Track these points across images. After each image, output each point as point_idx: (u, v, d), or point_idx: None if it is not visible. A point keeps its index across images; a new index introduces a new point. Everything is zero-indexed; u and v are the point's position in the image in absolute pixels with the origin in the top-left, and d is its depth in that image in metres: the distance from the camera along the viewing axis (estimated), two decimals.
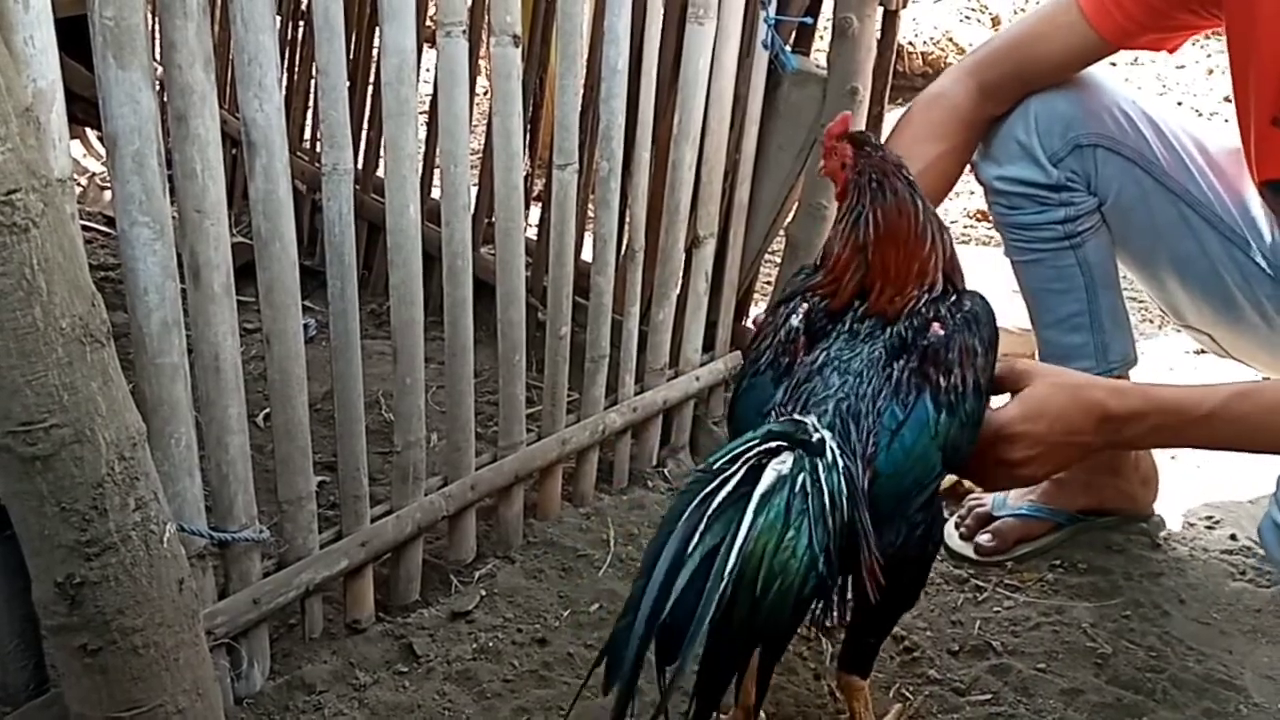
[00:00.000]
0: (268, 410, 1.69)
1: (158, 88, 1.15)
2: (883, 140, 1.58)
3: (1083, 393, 1.30)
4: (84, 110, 1.33)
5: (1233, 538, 1.84)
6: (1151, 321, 2.67)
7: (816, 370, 1.19)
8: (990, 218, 1.74)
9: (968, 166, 1.68)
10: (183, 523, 1.24)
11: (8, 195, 0.94)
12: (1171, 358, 2.49)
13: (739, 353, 2.16)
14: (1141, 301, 2.56)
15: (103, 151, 3.34)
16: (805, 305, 1.25)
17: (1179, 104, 4.30)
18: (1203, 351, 2.32)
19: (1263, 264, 1.58)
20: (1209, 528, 1.88)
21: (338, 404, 1.45)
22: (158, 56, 1.19)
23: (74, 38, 1.12)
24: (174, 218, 1.19)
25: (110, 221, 2.92)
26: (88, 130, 3.27)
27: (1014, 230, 1.65)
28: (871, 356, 1.19)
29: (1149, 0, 1.48)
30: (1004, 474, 1.30)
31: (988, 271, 2.54)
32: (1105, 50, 1.54)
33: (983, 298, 1.26)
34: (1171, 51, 1.58)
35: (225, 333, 1.26)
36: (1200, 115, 4.24)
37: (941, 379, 1.17)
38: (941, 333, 1.19)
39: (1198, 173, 1.58)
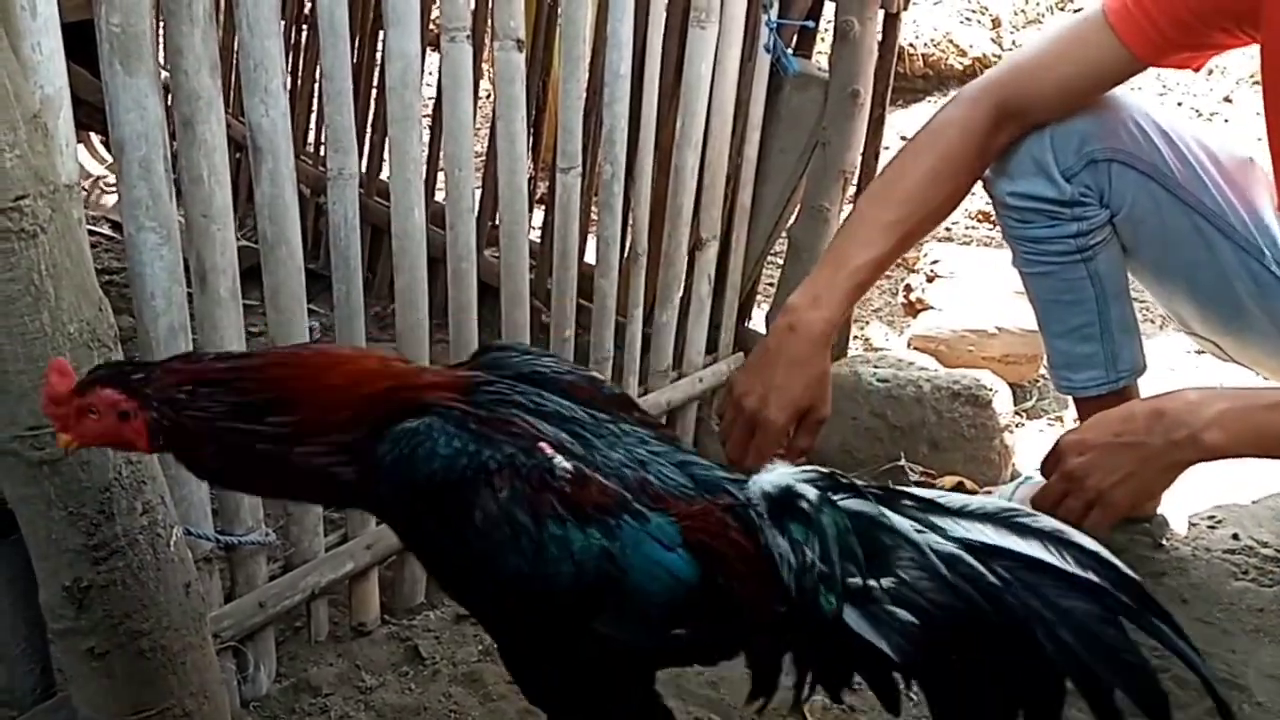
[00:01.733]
0: None
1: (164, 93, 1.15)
2: (893, 157, 1.54)
3: (1133, 403, 1.30)
4: (87, 115, 1.33)
5: (1235, 537, 1.84)
6: (1153, 322, 2.67)
7: (633, 466, 0.98)
8: (997, 226, 1.71)
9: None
10: (189, 526, 1.25)
11: (16, 201, 0.95)
12: (1172, 358, 2.49)
13: (742, 354, 2.17)
14: (1143, 302, 2.56)
15: (106, 155, 3.35)
16: (536, 456, 0.94)
17: (1179, 104, 4.30)
18: (1203, 352, 2.32)
19: (1277, 272, 1.58)
20: (1211, 527, 1.88)
21: None
22: (164, 62, 1.19)
23: (76, 42, 1.12)
24: (180, 222, 1.20)
25: (114, 225, 2.93)
26: (91, 134, 3.27)
27: (1024, 244, 1.64)
28: (614, 432, 1.01)
29: (1182, 18, 1.42)
30: (1075, 498, 1.29)
31: (989, 273, 2.56)
32: (1136, 69, 1.49)
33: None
34: (1197, 70, 1.55)
35: (231, 336, 1.26)
36: (1200, 116, 4.24)
37: (637, 412, 1.07)
38: (602, 378, 1.09)
39: (1210, 183, 1.57)
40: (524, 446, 0.94)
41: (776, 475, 0.99)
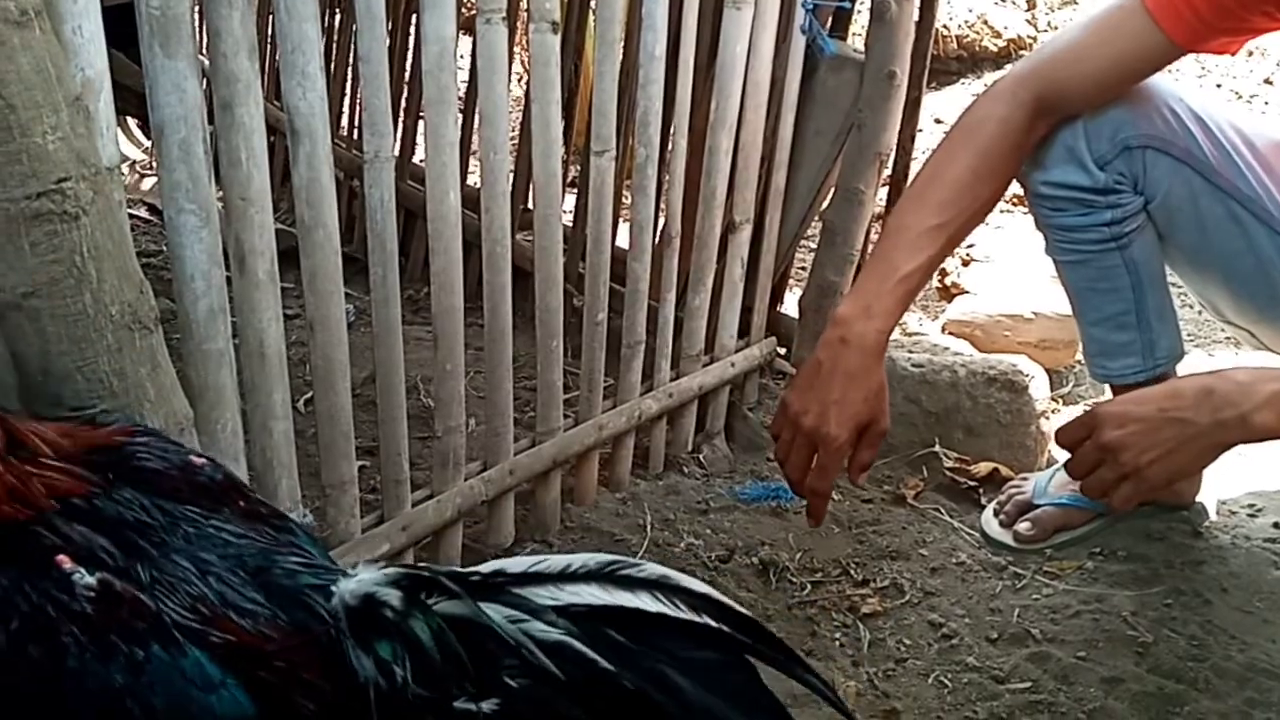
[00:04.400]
0: (309, 395, 1.70)
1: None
2: (930, 155, 1.52)
3: (1179, 379, 1.28)
4: (123, 98, 1.34)
5: (1276, 526, 1.82)
6: (1190, 308, 2.64)
7: (192, 581, 0.82)
8: (1030, 213, 1.70)
9: None
10: None
11: (58, 184, 0.95)
12: (1210, 344, 2.47)
13: (774, 339, 2.16)
14: (1179, 288, 2.53)
15: (143, 139, 3.37)
16: (53, 573, 0.78)
17: (1218, 86, 4.25)
18: (1239, 341, 2.29)
19: None
20: (1251, 516, 1.86)
21: (379, 389, 1.46)
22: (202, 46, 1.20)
23: (111, 26, 1.12)
24: (218, 206, 1.20)
25: (151, 209, 2.96)
26: (128, 118, 3.30)
27: (1058, 232, 1.62)
28: (188, 534, 0.86)
29: (1223, 3, 1.39)
30: (1109, 470, 1.27)
31: (1025, 257, 2.53)
32: (1175, 55, 1.46)
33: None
34: (1234, 54, 1.53)
35: (270, 319, 1.26)
36: (1239, 98, 4.18)
37: (242, 501, 0.92)
38: (202, 461, 0.92)
39: (1246, 169, 1.55)
40: (38, 561, 0.78)
41: (357, 582, 0.86)
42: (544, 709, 0.82)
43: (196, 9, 1.18)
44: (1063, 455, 2.01)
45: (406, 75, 2.65)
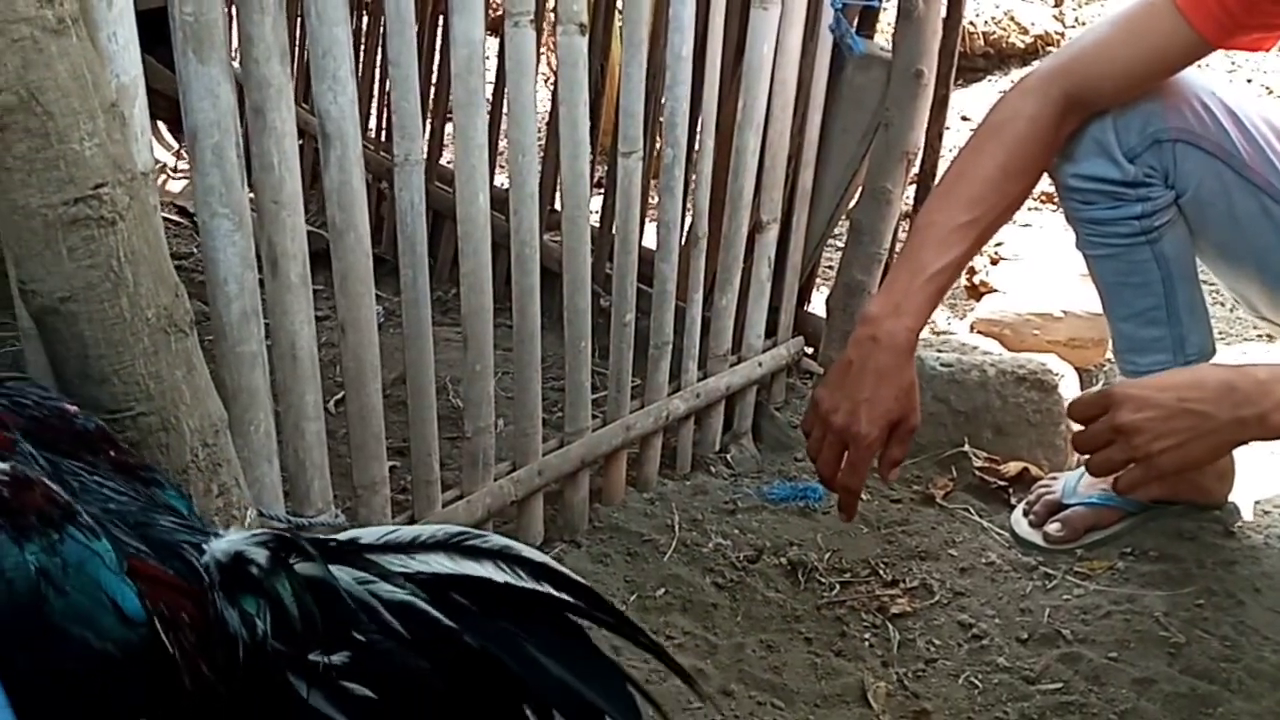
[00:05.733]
0: (339, 396, 1.72)
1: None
2: (959, 152, 1.51)
3: (1202, 369, 1.27)
4: (153, 101, 1.36)
5: None
6: (1222, 305, 2.62)
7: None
8: (1060, 207, 1.69)
9: None
10: (262, 508, 1.27)
11: (95, 189, 0.96)
12: (1244, 341, 2.45)
13: (802, 338, 2.16)
14: (1211, 285, 2.51)
15: (173, 142, 3.40)
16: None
17: (1248, 81, 4.20)
18: (1274, 337, 2.27)
19: None
20: None
21: (410, 390, 1.47)
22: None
23: (142, 30, 1.13)
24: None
25: (181, 211, 2.98)
26: (159, 122, 3.32)
27: (1088, 225, 1.61)
28: (72, 487, 0.86)
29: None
30: (1118, 451, 1.27)
31: (1054, 256, 2.52)
32: (1204, 51, 1.45)
33: None
34: (1267, 50, 1.52)
35: (302, 321, 1.28)
36: (1270, 93, 4.14)
37: (113, 451, 0.94)
38: (75, 409, 0.94)
39: (1279, 163, 1.54)
40: None
41: (229, 542, 0.89)
42: (390, 661, 0.86)
43: (229, 15, 1.19)
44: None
45: (435, 78, 2.66)
